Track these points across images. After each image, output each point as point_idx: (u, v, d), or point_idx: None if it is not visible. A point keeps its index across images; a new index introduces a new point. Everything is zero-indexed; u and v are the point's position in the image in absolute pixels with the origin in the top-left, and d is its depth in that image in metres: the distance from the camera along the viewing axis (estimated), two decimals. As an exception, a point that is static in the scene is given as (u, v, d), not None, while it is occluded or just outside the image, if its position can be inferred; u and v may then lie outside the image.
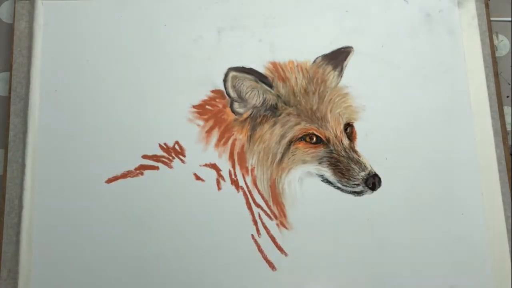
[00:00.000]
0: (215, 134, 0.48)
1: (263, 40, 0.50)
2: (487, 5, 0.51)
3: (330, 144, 0.48)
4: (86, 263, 0.45)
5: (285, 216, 0.46)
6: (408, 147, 0.48)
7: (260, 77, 0.49)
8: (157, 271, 0.45)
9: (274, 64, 0.50)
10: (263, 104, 0.49)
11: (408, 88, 0.49)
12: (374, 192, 0.47)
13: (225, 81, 0.49)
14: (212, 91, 0.49)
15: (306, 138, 0.48)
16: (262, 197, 0.47)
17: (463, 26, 0.51)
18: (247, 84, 0.49)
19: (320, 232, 0.46)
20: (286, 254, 0.46)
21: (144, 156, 0.47)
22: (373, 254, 0.46)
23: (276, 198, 0.47)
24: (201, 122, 0.48)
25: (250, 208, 0.46)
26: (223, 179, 0.47)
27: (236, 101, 0.49)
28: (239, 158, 0.47)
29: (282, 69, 0.49)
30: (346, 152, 0.47)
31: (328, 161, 0.47)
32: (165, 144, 0.48)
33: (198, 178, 0.47)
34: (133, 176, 0.47)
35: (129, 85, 0.49)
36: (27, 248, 0.45)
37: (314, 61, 0.50)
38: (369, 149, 0.48)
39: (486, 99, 0.49)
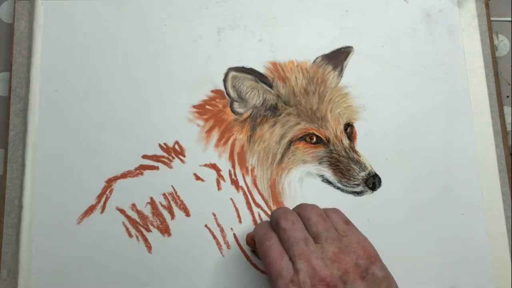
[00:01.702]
0: (215, 134, 0.48)
1: (263, 40, 0.50)
2: (487, 5, 0.51)
3: (330, 144, 0.48)
4: (86, 263, 0.45)
5: (285, 216, 0.46)
6: (408, 147, 0.48)
7: (260, 77, 0.49)
8: (158, 270, 0.45)
9: (274, 64, 0.50)
10: (263, 104, 0.49)
11: (408, 88, 0.49)
12: (374, 192, 0.47)
13: (225, 81, 0.49)
14: (212, 91, 0.49)
15: (306, 138, 0.48)
16: (262, 197, 0.47)
17: (463, 26, 0.51)
18: (247, 84, 0.49)
19: (320, 232, 0.46)
20: (286, 254, 0.46)
21: (144, 156, 0.47)
22: (373, 254, 0.46)
23: (276, 198, 0.47)
24: (201, 122, 0.48)
25: (250, 208, 0.46)
26: (223, 179, 0.47)
27: (236, 101, 0.49)
28: (239, 158, 0.47)
29: (282, 69, 0.49)
30: (346, 152, 0.48)
31: (328, 161, 0.47)
32: (165, 144, 0.48)
33: (198, 178, 0.47)
34: (133, 176, 0.47)
35: (129, 85, 0.49)
36: (27, 248, 0.45)
37: (314, 61, 0.50)
38: (369, 149, 0.48)
39: (486, 99, 0.49)
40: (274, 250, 0.39)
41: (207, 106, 0.49)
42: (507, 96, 0.51)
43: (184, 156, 0.47)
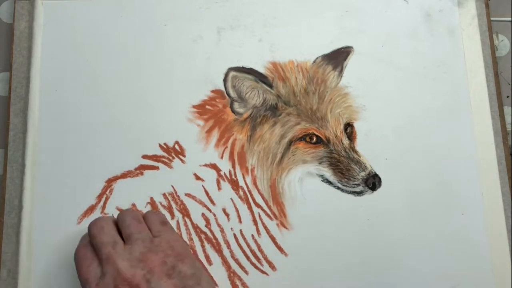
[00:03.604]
0: (215, 134, 0.48)
1: (263, 40, 0.50)
2: (487, 5, 0.51)
3: (330, 144, 0.48)
4: (86, 263, 0.45)
5: (285, 216, 0.46)
6: (408, 147, 0.48)
7: (260, 77, 0.49)
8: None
9: (274, 64, 0.50)
10: (263, 104, 0.49)
11: (408, 88, 0.49)
12: (374, 192, 0.47)
13: (225, 81, 0.49)
14: (212, 91, 0.49)
15: (306, 138, 0.48)
16: (262, 197, 0.47)
17: (463, 26, 0.51)
18: (247, 84, 0.49)
19: (320, 232, 0.46)
20: (286, 254, 0.46)
21: (144, 156, 0.47)
22: (373, 254, 0.46)
23: (276, 198, 0.47)
24: (201, 122, 0.48)
25: (250, 208, 0.46)
26: (223, 179, 0.47)
27: (236, 101, 0.49)
28: (239, 158, 0.47)
29: (282, 69, 0.49)
30: (346, 152, 0.48)
31: (328, 161, 0.47)
32: (165, 144, 0.48)
33: (198, 178, 0.47)
34: (133, 176, 0.47)
35: (129, 85, 0.49)
36: (27, 248, 0.45)
37: (314, 61, 0.50)
38: (369, 149, 0.48)
39: (486, 99, 0.49)
40: (84, 259, 0.40)
41: (207, 106, 0.49)
42: (507, 96, 0.51)
43: (184, 156, 0.47)
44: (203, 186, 0.47)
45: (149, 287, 0.37)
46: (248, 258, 0.45)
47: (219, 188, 0.47)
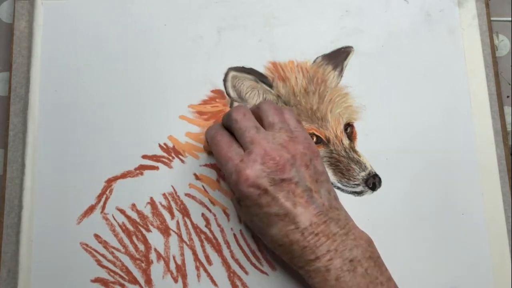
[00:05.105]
0: (215, 134, 0.48)
1: (263, 40, 0.50)
2: (487, 5, 0.51)
3: (330, 144, 0.48)
4: (86, 263, 0.45)
5: (285, 216, 0.46)
6: (408, 147, 0.48)
7: (260, 77, 0.49)
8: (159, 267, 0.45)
9: (274, 64, 0.50)
10: (263, 104, 0.48)
11: (408, 88, 0.49)
12: (374, 192, 0.47)
13: (225, 81, 0.49)
14: (212, 91, 0.49)
15: (306, 138, 0.48)
16: (262, 197, 0.47)
17: (463, 26, 0.51)
18: (247, 84, 0.49)
19: (320, 232, 0.46)
20: (286, 254, 0.46)
21: (144, 156, 0.47)
22: (373, 254, 0.46)
23: (276, 198, 0.47)
24: (201, 122, 0.48)
25: (250, 208, 0.46)
26: (223, 179, 0.47)
27: (236, 101, 0.49)
28: (239, 158, 0.47)
29: (282, 69, 0.49)
30: (346, 152, 0.48)
31: (328, 161, 0.47)
32: (165, 144, 0.48)
33: (198, 178, 0.47)
34: (133, 176, 0.47)
35: (129, 85, 0.49)
36: (27, 248, 0.45)
37: (314, 61, 0.50)
38: (369, 149, 0.48)
39: (486, 99, 0.49)
40: (224, 141, 0.41)
41: (207, 106, 0.49)
42: (507, 96, 0.51)
43: (184, 156, 0.47)
44: (203, 186, 0.47)
45: (292, 171, 0.39)
46: (248, 258, 0.45)
47: (219, 188, 0.47)
